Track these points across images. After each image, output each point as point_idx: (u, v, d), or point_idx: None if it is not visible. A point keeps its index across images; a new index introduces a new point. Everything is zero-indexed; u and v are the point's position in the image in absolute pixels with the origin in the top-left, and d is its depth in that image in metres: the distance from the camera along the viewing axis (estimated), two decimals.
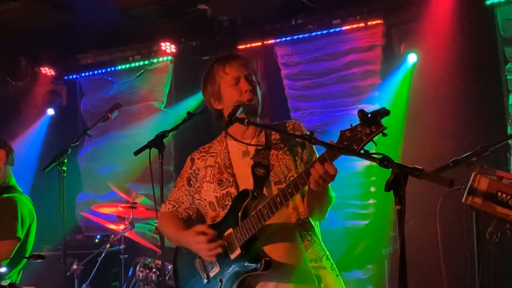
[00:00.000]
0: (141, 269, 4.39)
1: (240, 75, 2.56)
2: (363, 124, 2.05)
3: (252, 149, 2.56)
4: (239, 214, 2.42)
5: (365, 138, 2.06)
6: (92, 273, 4.64)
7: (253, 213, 2.38)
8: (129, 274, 4.74)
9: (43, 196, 5.88)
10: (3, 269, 2.88)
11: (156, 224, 4.98)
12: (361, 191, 5.13)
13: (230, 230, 2.44)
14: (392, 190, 1.88)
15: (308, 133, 2.43)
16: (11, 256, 3.37)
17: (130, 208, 4.81)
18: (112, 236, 5.01)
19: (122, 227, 4.89)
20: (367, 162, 5.12)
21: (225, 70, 2.59)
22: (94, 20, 5.63)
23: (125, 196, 5.00)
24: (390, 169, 1.89)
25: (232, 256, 2.43)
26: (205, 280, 2.52)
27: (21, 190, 3.97)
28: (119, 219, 5.03)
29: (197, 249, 2.47)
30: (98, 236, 5.63)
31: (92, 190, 6.57)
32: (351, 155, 2.12)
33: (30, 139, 6.70)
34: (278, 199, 2.30)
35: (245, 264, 2.39)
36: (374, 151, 2.03)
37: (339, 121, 5.21)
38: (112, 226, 5.09)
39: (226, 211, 2.50)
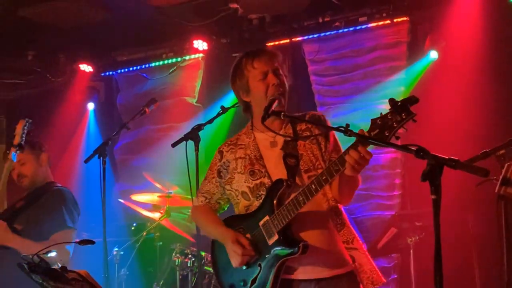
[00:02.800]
0: (177, 255, 4.46)
1: (268, 69, 2.60)
2: (393, 111, 2.08)
3: (279, 140, 2.60)
4: (275, 202, 2.47)
5: (395, 125, 2.09)
6: (130, 259, 4.73)
7: (288, 200, 2.43)
8: (165, 260, 4.80)
9: (83, 186, 6.00)
10: (53, 254, 2.93)
11: (189, 213, 5.05)
12: (386, 183, 5.12)
13: (266, 218, 2.49)
14: (428, 180, 1.87)
15: (327, 123, 2.57)
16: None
17: (165, 197, 4.87)
18: (148, 224, 5.09)
19: (157, 215, 4.94)
20: (392, 155, 5.11)
21: (253, 65, 2.62)
22: (130, 19, 5.67)
23: (160, 186, 5.04)
24: (415, 163, 1.91)
25: (270, 242, 2.48)
26: (244, 267, 2.55)
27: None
28: (155, 208, 5.10)
29: (231, 255, 2.55)
30: (135, 224, 5.72)
31: (128, 181, 6.64)
32: (386, 146, 2.13)
33: (73, 133, 6.81)
34: (313, 186, 2.35)
35: (283, 248, 2.44)
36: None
37: (365, 115, 5.18)
38: (148, 215, 5.14)
39: (260, 200, 2.54)
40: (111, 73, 6.91)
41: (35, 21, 5.58)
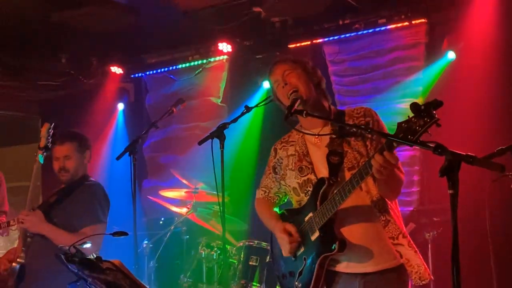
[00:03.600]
0: (203, 248, 4.50)
1: (280, 78, 2.63)
2: (416, 116, 2.05)
3: (324, 138, 2.60)
4: (318, 200, 2.50)
5: (419, 129, 2.05)
6: (159, 252, 4.78)
7: (329, 198, 2.46)
8: (192, 253, 4.85)
9: (113, 182, 6.07)
10: (88, 245, 2.99)
11: (214, 208, 5.08)
12: (405, 180, 5.08)
13: (311, 214, 2.54)
14: (445, 176, 1.87)
15: (378, 119, 2.53)
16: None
17: (192, 193, 4.90)
18: (176, 218, 5.14)
19: (184, 210, 4.99)
20: (410, 152, 5.08)
21: (273, 76, 2.67)
22: (158, 23, 5.73)
23: (186, 182, 5.08)
24: (433, 159, 1.91)
25: (313, 238, 2.52)
26: (293, 258, 2.62)
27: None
28: (182, 203, 5.15)
29: (280, 243, 2.64)
30: (163, 219, 5.76)
31: (156, 177, 6.72)
32: (407, 144, 2.12)
33: (103, 131, 6.90)
34: (347, 187, 2.37)
35: (323, 245, 2.47)
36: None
37: (384, 114, 5.09)
38: (176, 209, 5.19)
39: (308, 196, 2.58)
40: (140, 74, 7.01)
41: (68, 26, 5.63)
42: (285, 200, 2.87)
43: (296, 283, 2.57)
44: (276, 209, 2.85)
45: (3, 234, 4.35)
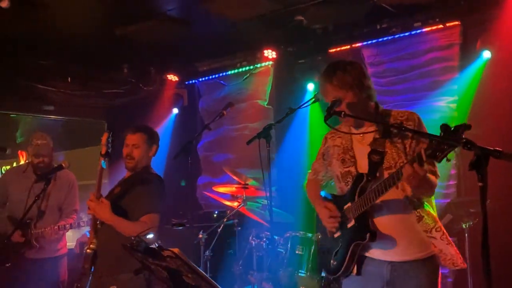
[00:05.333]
0: (253, 239, 4.55)
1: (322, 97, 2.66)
2: (446, 136, 2.07)
3: (369, 135, 2.63)
4: (356, 193, 2.56)
5: (446, 148, 2.09)
6: (213, 242, 4.85)
7: (366, 193, 2.51)
8: (243, 243, 4.91)
9: (170, 179, 6.21)
10: (151, 235, 3.09)
11: (262, 202, 5.13)
12: (442, 174, 4.99)
13: (349, 204, 2.61)
14: (475, 170, 1.88)
15: (420, 123, 2.55)
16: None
17: (242, 188, 4.94)
18: (228, 211, 5.20)
19: (236, 204, 5.04)
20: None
21: (322, 92, 2.67)
22: (209, 34, 5.82)
23: (237, 178, 5.12)
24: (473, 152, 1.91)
25: (349, 225, 2.60)
26: (332, 239, 2.71)
27: None
28: (233, 197, 5.21)
29: (322, 219, 2.72)
30: (216, 212, 5.83)
31: (209, 174, 6.83)
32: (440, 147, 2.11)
33: (160, 133, 7.06)
34: (382, 186, 2.41)
35: (356, 234, 2.54)
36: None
37: (421, 112, 5.04)
38: (228, 203, 5.25)
39: (348, 187, 2.64)
40: (193, 81, 7.14)
41: (129, 39, 5.77)
42: (332, 184, 2.89)
43: (332, 260, 2.67)
44: (322, 192, 2.90)
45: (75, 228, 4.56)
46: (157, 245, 2.50)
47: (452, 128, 2.03)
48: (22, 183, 4.59)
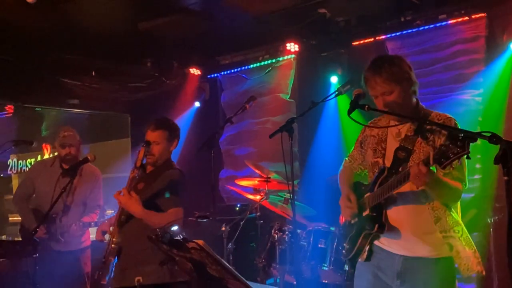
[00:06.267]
0: (276, 232, 4.56)
1: (378, 95, 2.62)
2: (453, 143, 2.11)
3: (403, 131, 2.64)
4: (377, 184, 2.62)
5: (452, 157, 2.12)
6: (236, 235, 4.88)
7: (383, 186, 2.56)
8: (266, 236, 4.92)
9: (193, 172, 6.25)
10: (176, 227, 3.13)
11: (285, 196, 5.13)
12: (467, 168, 4.94)
13: (368, 194, 2.67)
14: (500, 163, 1.88)
15: (456, 127, 2.51)
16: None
17: (265, 182, 4.94)
18: (250, 205, 5.23)
19: (258, 197, 5.05)
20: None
21: (372, 91, 2.64)
22: (231, 27, 5.84)
23: (259, 172, 5.13)
24: (498, 146, 1.91)
25: (364, 214, 2.68)
26: (348, 224, 2.83)
27: None
28: (256, 191, 5.22)
29: (340, 205, 2.81)
30: (238, 205, 5.87)
31: (232, 168, 6.86)
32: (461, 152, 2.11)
33: (180, 126, 7.10)
34: (393, 182, 2.47)
35: (368, 223, 2.63)
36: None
37: (446, 105, 5.04)
38: (250, 197, 5.26)
39: (374, 177, 2.68)
40: (215, 75, 7.16)
41: (153, 34, 5.83)
42: (366, 174, 2.91)
43: (345, 244, 2.80)
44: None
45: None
46: (181, 237, 2.54)
47: (460, 137, 2.08)
48: (48, 176, 4.68)
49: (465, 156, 2.11)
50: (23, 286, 4.08)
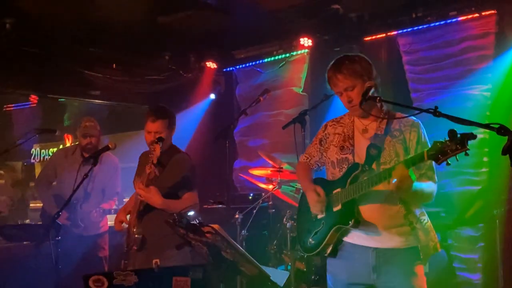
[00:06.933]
0: (288, 220, 4.61)
1: (342, 91, 2.67)
2: (451, 140, 2.14)
3: (371, 129, 2.68)
4: (349, 180, 2.61)
5: (449, 153, 2.15)
6: (249, 223, 4.94)
7: (357, 182, 2.57)
8: (278, 225, 4.98)
9: (207, 162, 6.29)
10: (192, 212, 3.19)
11: (297, 186, 5.19)
12: (474, 161, 4.94)
13: (339, 190, 2.65)
14: (508, 154, 1.91)
15: (423, 132, 2.60)
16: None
17: (277, 171, 4.99)
18: (263, 194, 5.28)
19: (271, 187, 5.11)
20: (480, 135, 4.94)
21: (335, 88, 2.72)
22: (247, 22, 5.85)
23: (272, 162, 5.18)
24: (505, 139, 1.93)
25: (335, 209, 2.65)
26: (313, 219, 2.77)
27: None
28: (268, 180, 5.27)
29: (309, 201, 2.74)
30: (251, 194, 5.91)
31: (245, 158, 6.92)
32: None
33: (195, 117, 7.18)
34: (374, 179, 2.50)
35: (341, 218, 2.61)
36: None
37: (455, 100, 5.05)
38: (263, 186, 5.33)
39: (341, 173, 2.68)
40: (231, 68, 7.21)
41: (171, 27, 5.86)
42: (321, 169, 2.94)
43: (310, 239, 2.74)
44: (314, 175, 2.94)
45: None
46: (198, 221, 2.61)
47: (459, 135, 2.11)
48: (70, 164, 4.79)
49: (464, 153, 2.12)
50: (46, 268, 4.18)
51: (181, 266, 3.06)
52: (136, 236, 3.47)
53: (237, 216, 4.78)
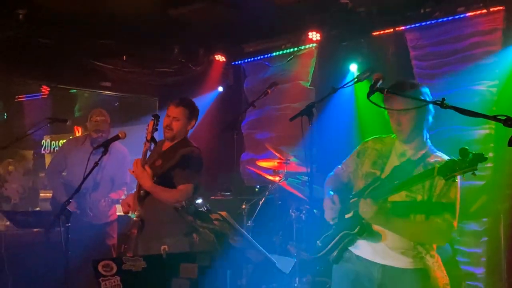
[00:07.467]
0: (293, 211, 4.64)
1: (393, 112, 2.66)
2: (462, 159, 2.19)
3: (408, 155, 2.68)
4: (367, 191, 2.63)
5: (458, 170, 2.20)
6: (255, 214, 4.96)
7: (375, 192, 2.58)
8: (284, 216, 4.99)
9: (215, 153, 6.30)
10: (200, 200, 3.21)
11: (302, 178, 5.19)
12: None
13: (356, 199, 2.65)
14: None
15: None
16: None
17: (284, 163, 5.01)
18: (270, 185, 5.30)
19: (277, 178, 5.12)
20: (485, 131, 4.93)
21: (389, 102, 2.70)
22: (256, 16, 5.85)
23: (278, 155, 5.18)
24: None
25: (346, 216, 2.69)
26: (327, 224, 2.82)
27: None
28: (275, 172, 5.29)
29: (324, 206, 2.80)
30: (258, 186, 5.93)
31: (252, 151, 6.93)
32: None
33: (202, 108, 7.16)
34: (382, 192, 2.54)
35: (349, 224, 2.65)
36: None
37: (462, 95, 5.02)
38: (270, 177, 5.34)
39: (364, 185, 2.69)
40: (239, 62, 7.20)
41: (181, 20, 5.88)
42: (351, 186, 2.93)
43: (318, 242, 2.82)
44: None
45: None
46: (206, 208, 2.63)
47: (471, 155, 2.15)
48: (80, 153, 4.81)
49: (472, 172, 2.17)
50: (56, 255, 4.22)
51: (189, 252, 3.09)
52: (135, 219, 3.49)
53: (243, 206, 4.80)
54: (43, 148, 9.54)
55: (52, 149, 9.50)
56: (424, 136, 2.70)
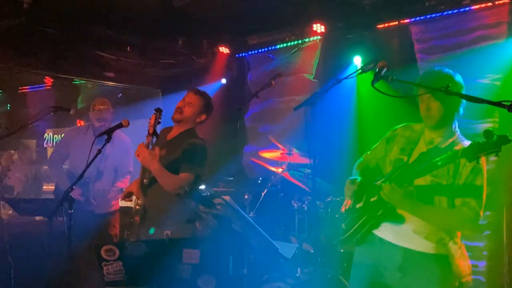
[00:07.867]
0: (296, 202, 4.64)
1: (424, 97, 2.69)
2: (487, 141, 2.22)
3: (436, 142, 2.71)
4: (393, 176, 2.62)
5: (482, 151, 2.23)
6: (257, 205, 4.96)
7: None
8: (286, 207, 4.99)
9: (218, 144, 6.28)
10: (203, 186, 3.21)
11: (305, 171, 5.18)
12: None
13: (380, 182, 2.68)
14: None
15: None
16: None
17: (287, 154, 5.01)
18: (272, 177, 5.29)
19: (280, 170, 5.12)
20: (489, 124, 4.91)
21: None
22: (260, 8, 5.85)
23: (281, 147, 5.17)
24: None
25: (371, 200, 2.72)
26: (352, 208, 2.86)
27: None
28: (278, 163, 5.28)
29: (345, 191, 2.84)
30: (260, 178, 5.92)
31: (255, 144, 6.91)
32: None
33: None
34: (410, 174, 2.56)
35: (373, 207, 2.68)
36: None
37: (466, 88, 4.97)
38: (272, 169, 5.34)
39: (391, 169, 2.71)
40: (243, 54, 7.19)
41: (185, 11, 5.87)
42: (380, 171, 2.94)
43: (343, 225, 2.85)
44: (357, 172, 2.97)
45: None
46: (209, 193, 2.63)
47: (495, 137, 2.17)
48: (83, 142, 4.81)
49: (496, 154, 2.17)
50: (59, 244, 4.23)
51: (191, 238, 3.09)
52: (137, 207, 3.49)
53: (246, 196, 4.80)
54: (45, 142, 9.55)
55: (54, 142, 9.51)
56: (454, 125, 2.71)
